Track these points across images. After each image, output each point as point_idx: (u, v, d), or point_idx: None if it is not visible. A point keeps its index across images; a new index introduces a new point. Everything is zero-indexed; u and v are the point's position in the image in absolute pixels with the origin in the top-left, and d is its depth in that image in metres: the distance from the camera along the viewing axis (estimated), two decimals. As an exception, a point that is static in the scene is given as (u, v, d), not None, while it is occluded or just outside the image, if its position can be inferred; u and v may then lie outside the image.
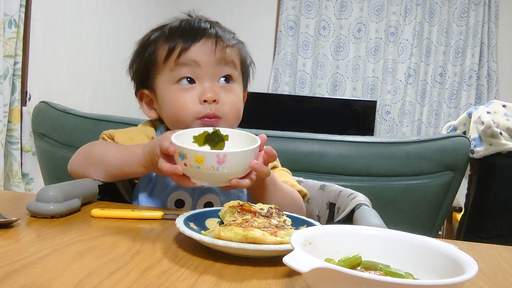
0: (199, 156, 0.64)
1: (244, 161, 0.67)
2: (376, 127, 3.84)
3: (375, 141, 1.36)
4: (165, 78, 0.83)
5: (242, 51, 0.89)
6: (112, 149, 0.83)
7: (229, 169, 0.65)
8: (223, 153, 0.64)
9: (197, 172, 0.65)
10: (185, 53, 0.81)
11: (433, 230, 1.40)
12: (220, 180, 0.67)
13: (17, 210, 0.66)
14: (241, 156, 0.66)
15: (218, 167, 0.64)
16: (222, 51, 0.82)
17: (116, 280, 0.43)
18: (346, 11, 3.88)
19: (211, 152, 0.66)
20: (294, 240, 0.43)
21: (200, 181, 0.68)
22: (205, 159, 0.63)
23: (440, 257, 0.44)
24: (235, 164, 0.65)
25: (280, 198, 0.80)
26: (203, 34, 0.82)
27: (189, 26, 0.84)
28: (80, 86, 2.71)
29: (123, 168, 0.79)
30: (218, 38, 0.83)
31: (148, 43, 0.87)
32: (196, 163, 0.64)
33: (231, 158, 0.64)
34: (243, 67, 0.90)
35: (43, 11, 2.34)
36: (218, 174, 0.64)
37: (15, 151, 2.13)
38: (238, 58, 0.88)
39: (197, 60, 0.81)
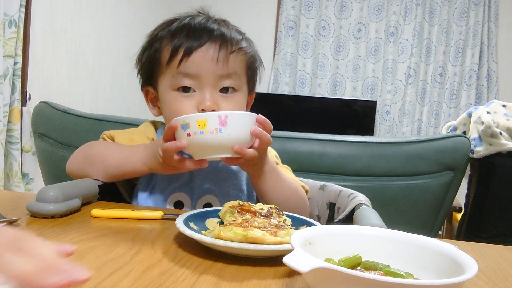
0: (201, 119, 0.66)
1: (245, 124, 0.69)
2: (376, 127, 3.84)
3: (375, 141, 1.36)
4: (166, 82, 0.83)
5: (248, 55, 0.86)
6: (112, 148, 0.83)
7: (232, 131, 0.67)
8: (225, 113, 0.66)
9: (201, 138, 0.66)
10: (187, 60, 0.79)
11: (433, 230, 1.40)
12: (224, 146, 0.68)
13: (17, 210, 0.66)
14: (242, 118, 0.69)
15: (221, 128, 0.66)
16: (225, 61, 0.80)
17: (116, 280, 0.43)
18: (346, 11, 3.88)
19: (212, 114, 0.67)
20: (294, 240, 0.43)
21: (204, 151, 0.69)
22: (207, 122, 0.66)
23: (440, 257, 0.44)
24: (237, 126, 0.67)
25: (282, 188, 0.80)
26: (207, 39, 0.80)
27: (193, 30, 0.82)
28: (80, 86, 2.71)
29: (124, 167, 0.78)
30: (222, 46, 0.81)
31: (155, 40, 0.86)
32: (199, 128, 0.66)
33: (232, 119, 0.67)
34: (249, 72, 0.88)
35: (43, 11, 2.34)
36: (221, 137, 0.66)
37: (15, 151, 2.13)
38: (244, 65, 0.85)
39: (198, 70, 0.79)
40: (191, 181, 0.85)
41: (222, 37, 0.81)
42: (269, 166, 0.79)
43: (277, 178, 0.80)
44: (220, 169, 0.87)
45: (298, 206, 0.82)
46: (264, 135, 0.71)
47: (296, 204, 0.81)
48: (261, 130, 0.70)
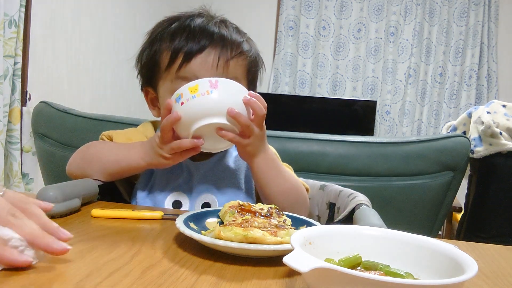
0: (192, 86, 0.69)
1: (236, 89, 0.71)
2: (376, 127, 3.84)
3: (375, 141, 1.36)
4: (165, 86, 0.83)
5: (249, 58, 0.86)
6: (110, 147, 0.84)
7: (222, 92, 0.69)
8: (215, 78, 0.69)
9: (193, 103, 0.68)
10: (186, 66, 0.79)
11: (433, 230, 1.40)
12: (216, 108, 0.69)
13: (17, 210, 0.66)
14: (232, 83, 0.71)
15: (211, 90, 0.68)
16: (225, 67, 0.80)
17: (116, 280, 0.43)
18: (346, 11, 3.88)
19: (203, 79, 0.70)
20: (294, 240, 0.43)
21: (197, 116, 0.69)
22: (199, 86, 0.68)
23: (440, 257, 0.44)
24: (227, 89, 0.69)
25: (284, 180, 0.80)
26: (207, 44, 0.80)
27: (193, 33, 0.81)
28: (80, 86, 2.71)
29: (120, 163, 0.79)
30: (222, 51, 0.80)
31: (155, 40, 0.85)
32: (191, 93, 0.68)
33: (223, 82, 0.69)
34: (250, 75, 0.87)
35: (43, 11, 2.34)
36: (212, 99, 0.68)
37: (15, 151, 2.13)
38: (244, 69, 0.85)
39: (198, 76, 0.78)
40: (190, 180, 0.85)
41: (222, 41, 0.81)
42: (269, 154, 0.79)
43: (277, 169, 0.80)
44: (218, 169, 0.87)
45: (298, 200, 0.82)
46: (257, 104, 0.71)
47: (296, 198, 0.81)
48: (253, 99, 0.71)
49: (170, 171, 0.85)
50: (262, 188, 0.81)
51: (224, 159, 0.88)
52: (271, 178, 0.79)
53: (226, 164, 0.87)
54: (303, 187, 0.86)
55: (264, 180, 0.79)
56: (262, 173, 0.79)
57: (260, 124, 0.74)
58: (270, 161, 0.79)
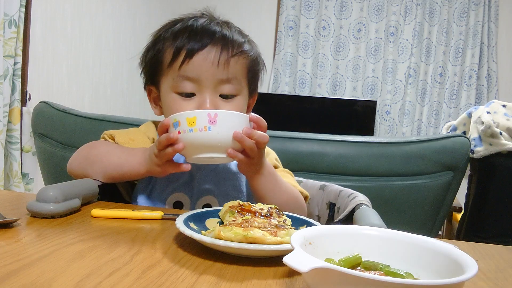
0: (190, 117, 0.65)
1: (236, 123, 0.68)
2: (376, 127, 3.84)
3: (375, 141, 1.36)
4: (167, 83, 0.83)
5: (250, 58, 0.86)
6: (113, 149, 0.83)
7: (221, 129, 0.66)
8: (214, 111, 0.66)
9: (190, 136, 0.66)
10: (188, 63, 0.80)
11: (433, 230, 1.40)
12: (214, 145, 0.67)
13: (17, 210, 0.66)
14: (232, 117, 0.68)
15: (210, 126, 0.65)
16: (226, 65, 0.80)
17: (116, 280, 0.43)
18: (346, 11, 3.88)
19: (202, 111, 0.67)
20: (294, 240, 0.43)
21: (195, 150, 0.68)
22: (196, 120, 0.65)
23: (440, 257, 0.44)
24: (226, 125, 0.66)
25: (280, 192, 0.80)
26: (208, 42, 0.80)
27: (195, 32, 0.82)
28: (80, 86, 2.71)
29: (122, 167, 0.79)
30: (224, 49, 0.81)
31: (159, 40, 0.86)
32: (189, 126, 0.65)
33: (222, 117, 0.66)
34: (250, 75, 0.87)
35: (43, 11, 2.34)
36: (210, 136, 0.65)
37: (15, 151, 2.13)
38: (245, 68, 0.85)
39: (199, 73, 0.80)
40: (191, 181, 0.85)
41: (224, 40, 0.82)
42: (267, 169, 0.79)
43: (275, 181, 0.80)
44: (219, 170, 0.87)
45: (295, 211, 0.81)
46: (258, 135, 0.70)
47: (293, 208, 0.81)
48: (252, 130, 0.69)
49: None
50: (260, 199, 0.81)
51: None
52: (268, 191, 0.79)
53: (227, 166, 0.87)
54: (301, 197, 0.85)
55: (262, 193, 0.79)
56: (261, 187, 0.79)
57: (261, 149, 0.74)
58: (268, 175, 0.79)
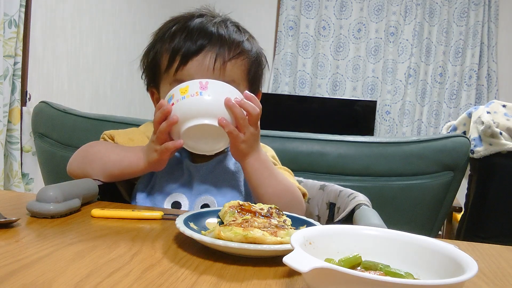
0: (183, 87, 0.69)
1: (227, 91, 0.70)
2: (376, 127, 3.84)
3: (375, 141, 1.36)
4: (165, 88, 0.83)
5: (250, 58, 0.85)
6: (111, 148, 0.84)
7: (212, 94, 0.69)
8: (206, 80, 0.69)
9: (182, 103, 0.68)
10: (183, 69, 0.79)
11: (433, 230, 1.40)
12: (205, 109, 0.69)
13: (17, 210, 0.66)
14: (223, 85, 0.71)
15: (201, 91, 0.68)
16: (222, 70, 0.79)
17: (116, 280, 0.43)
18: (346, 11, 3.88)
19: (194, 81, 0.70)
20: (294, 240, 0.43)
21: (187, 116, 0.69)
22: (189, 88, 0.69)
23: (440, 257, 0.44)
24: (217, 90, 0.69)
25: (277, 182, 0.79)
26: (204, 44, 0.80)
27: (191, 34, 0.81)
28: (80, 86, 2.71)
29: (121, 163, 0.79)
30: (220, 52, 0.79)
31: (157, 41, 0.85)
32: (181, 95, 0.69)
33: (213, 84, 0.69)
34: (250, 75, 0.86)
35: (43, 11, 2.34)
36: (201, 100, 0.68)
37: (15, 151, 2.13)
38: (244, 69, 0.84)
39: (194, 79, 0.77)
40: (190, 181, 0.85)
41: (221, 41, 0.80)
42: (262, 155, 0.78)
43: (270, 170, 0.80)
44: (218, 171, 0.87)
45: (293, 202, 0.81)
46: (249, 105, 0.71)
47: (290, 200, 0.80)
48: (244, 100, 0.71)
49: (170, 172, 0.85)
50: (255, 189, 0.80)
51: (224, 161, 0.88)
52: (264, 179, 0.78)
53: (226, 166, 0.87)
54: (298, 190, 0.85)
55: (257, 180, 0.79)
56: (255, 173, 0.78)
57: (255, 123, 0.74)
58: (263, 161, 0.78)
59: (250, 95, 0.72)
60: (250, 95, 0.73)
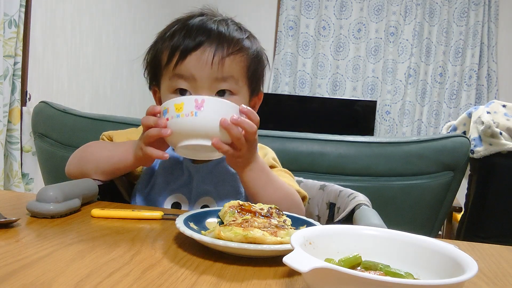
0: (178, 103, 0.66)
1: (223, 110, 0.67)
2: (376, 127, 3.84)
3: (375, 141, 1.36)
4: (165, 84, 0.83)
5: (250, 56, 0.84)
6: (105, 145, 0.84)
7: (207, 115, 0.65)
8: (202, 97, 0.65)
9: (177, 122, 0.66)
10: (182, 64, 0.79)
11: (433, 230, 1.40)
12: (199, 131, 0.66)
13: (17, 210, 0.66)
14: (220, 104, 0.67)
15: (196, 112, 0.65)
16: (220, 64, 0.79)
17: (116, 280, 0.43)
18: (346, 11, 3.88)
19: (189, 97, 0.67)
20: (294, 240, 0.43)
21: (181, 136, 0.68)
22: (184, 105, 0.65)
23: (440, 257, 0.44)
24: (213, 111, 0.66)
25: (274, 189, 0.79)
26: (203, 40, 0.80)
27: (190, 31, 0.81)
28: (80, 86, 2.71)
29: (112, 158, 0.79)
30: (218, 48, 0.79)
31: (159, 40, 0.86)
32: (176, 112, 0.66)
33: (209, 103, 0.65)
34: (250, 73, 0.85)
35: (43, 11, 2.34)
36: (197, 122, 0.65)
37: (15, 151, 2.13)
38: (243, 66, 0.84)
39: (193, 73, 0.79)
40: (190, 182, 0.85)
41: (220, 37, 0.81)
42: (259, 165, 0.77)
43: (267, 178, 0.79)
44: (218, 171, 0.87)
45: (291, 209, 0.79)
46: (246, 123, 0.69)
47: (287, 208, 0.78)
48: (241, 118, 0.68)
49: (170, 172, 0.85)
50: (253, 196, 0.80)
51: (224, 162, 0.88)
52: (260, 188, 0.78)
53: (226, 167, 0.87)
54: (297, 196, 0.83)
55: (253, 189, 0.78)
56: (251, 182, 0.77)
57: (252, 139, 0.73)
58: (260, 170, 0.77)
59: (246, 110, 0.70)
60: (246, 109, 0.70)
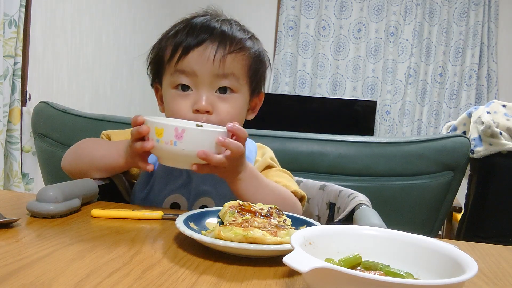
0: (159, 128, 0.63)
1: (204, 141, 0.64)
2: (376, 127, 3.84)
3: (375, 141, 1.36)
4: (167, 80, 0.84)
5: (251, 55, 0.85)
6: (100, 142, 0.84)
7: (186, 146, 0.63)
8: (182, 127, 0.63)
9: (157, 146, 0.64)
10: (184, 59, 0.80)
11: (433, 230, 1.40)
12: (179, 160, 0.65)
13: (17, 210, 0.66)
14: (200, 134, 0.65)
15: (176, 141, 0.63)
16: (222, 61, 0.80)
17: (116, 280, 0.43)
18: (346, 11, 3.88)
19: (170, 125, 0.64)
20: (294, 240, 0.43)
21: (161, 159, 0.67)
22: (164, 132, 0.63)
23: (440, 257, 0.44)
24: (193, 142, 0.63)
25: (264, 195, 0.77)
26: (206, 38, 0.80)
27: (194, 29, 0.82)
28: (80, 86, 2.71)
29: (106, 157, 0.79)
30: (221, 45, 0.80)
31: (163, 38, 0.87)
32: (156, 136, 0.64)
33: (189, 134, 0.63)
34: (251, 72, 0.86)
35: (43, 11, 2.34)
36: (176, 151, 0.63)
37: (15, 151, 2.13)
38: (244, 65, 0.84)
39: (195, 69, 0.80)
40: (188, 183, 0.85)
41: (222, 36, 0.81)
42: (248, 173, 0.75)
43: (257, 184, 0.77)
44: None
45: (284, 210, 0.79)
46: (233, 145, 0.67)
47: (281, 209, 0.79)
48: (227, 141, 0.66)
49: (169, 172, 0.85)
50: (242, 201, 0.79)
51: None
52: (250, 196, 0.76)
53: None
54: (291, 197, 0.82)
55: (244, 198, 0.76)
56: (241, 191, 0.76)
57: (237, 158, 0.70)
58: (249, 179, 0.76)
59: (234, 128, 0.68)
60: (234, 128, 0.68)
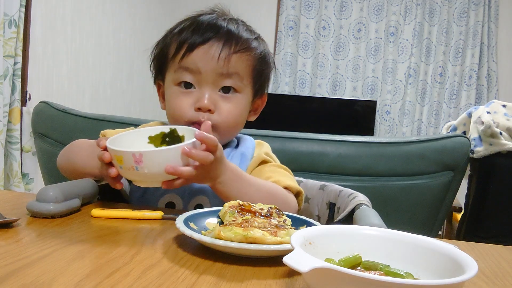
0: (118, 156, 0.62)
1: (166, 159, 0.62)
2: (376, 127, 3.84)
3: (375, 141, 1.36)
4: (170, 76, 0.84)
5: (256, 56, 0.84)
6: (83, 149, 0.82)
7: (150, 169, 0.61)
8: (139, 152, 0.61)
9: (122, 172, 0.63)
10: (188, 56, 0.80)
11: (433, 230, 1.40)
12: (149, 180, 0.64)
13: (17, 210, 0.66)
14: (159, 156, 0.62)
15: (136, 166, 0.61)
16: (226, 60, 0.79)
17: (116, 280, 0.43)
18: (346, 11, 3.88)
19: (127, 152, 0.61)
20: (294, 240, 0.43)
21: (134, 181, 0.66)
22: (123, 159, 0.62)
23: (440, 257, 0.44)
24: (154, 163, 0.62)
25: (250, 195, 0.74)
26: (211, 36, 0.80)
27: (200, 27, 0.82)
28: (80, 86, 2.71)
29: (84, 167, 0.78)
30: (226, 44, 0.80)
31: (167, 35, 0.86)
32: (118, 163, 0.62)
33: (148, 157, 0.61)
34: (255, 73, 0.85)
35: (43, 11, 2.34)
36: (140, 175, 0.62)
37: (15, 151, 2.13)
38: (249, 65, 0.83)
39: (199, 66, 0.80)
40: None
41: (228, 35, 0.81)
42: (229, 175, 0.72)
43: (239, 186, 0.74)
44: None
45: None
46: (199, 155, 0.63)
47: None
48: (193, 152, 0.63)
49: None
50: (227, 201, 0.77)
51: None
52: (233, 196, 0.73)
53: None
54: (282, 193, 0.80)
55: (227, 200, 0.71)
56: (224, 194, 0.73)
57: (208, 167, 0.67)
58: (230, 181, 0.73)
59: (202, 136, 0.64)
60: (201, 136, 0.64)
